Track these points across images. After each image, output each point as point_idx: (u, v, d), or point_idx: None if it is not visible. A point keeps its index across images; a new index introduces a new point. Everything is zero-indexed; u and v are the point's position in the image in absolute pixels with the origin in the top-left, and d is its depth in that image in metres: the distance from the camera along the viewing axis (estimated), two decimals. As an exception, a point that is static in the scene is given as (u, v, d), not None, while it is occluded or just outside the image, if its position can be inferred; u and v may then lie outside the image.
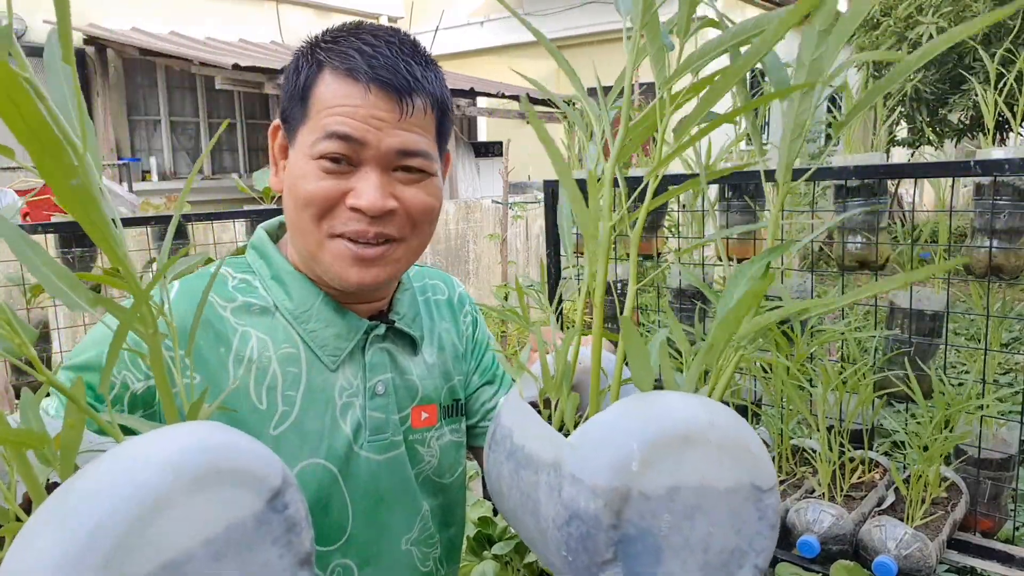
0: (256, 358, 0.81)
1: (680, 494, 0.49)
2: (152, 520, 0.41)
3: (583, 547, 0.49)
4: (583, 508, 0.49)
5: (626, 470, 0.48)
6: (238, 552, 0.45)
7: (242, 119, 8.59)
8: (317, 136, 0.77)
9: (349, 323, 0.86)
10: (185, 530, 0.42)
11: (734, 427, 0.51)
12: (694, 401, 0.52)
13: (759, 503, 0.52)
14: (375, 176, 0.78)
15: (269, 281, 0.85)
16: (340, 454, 0.84)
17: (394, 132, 0.78)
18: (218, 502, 0.44)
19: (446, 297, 1.02)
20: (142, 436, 0.44)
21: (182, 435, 0.45)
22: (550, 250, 1.82)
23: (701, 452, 0.49)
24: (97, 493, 0.40)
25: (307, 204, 0.78)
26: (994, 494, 1.36)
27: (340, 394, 0.85)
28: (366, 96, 0.77)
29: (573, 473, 0.50)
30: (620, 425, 0.50)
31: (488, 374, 1.04)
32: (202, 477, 0.43)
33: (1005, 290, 2.33)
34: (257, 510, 0.46)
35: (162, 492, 0.41)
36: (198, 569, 0.42)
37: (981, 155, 1.28)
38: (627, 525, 0.48)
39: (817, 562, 1.27)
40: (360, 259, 0.80)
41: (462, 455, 1.00)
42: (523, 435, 0.59)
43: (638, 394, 0.52)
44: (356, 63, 0.77)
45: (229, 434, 0.47)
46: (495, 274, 6.47)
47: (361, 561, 0.86)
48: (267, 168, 1.98)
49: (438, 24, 9.22)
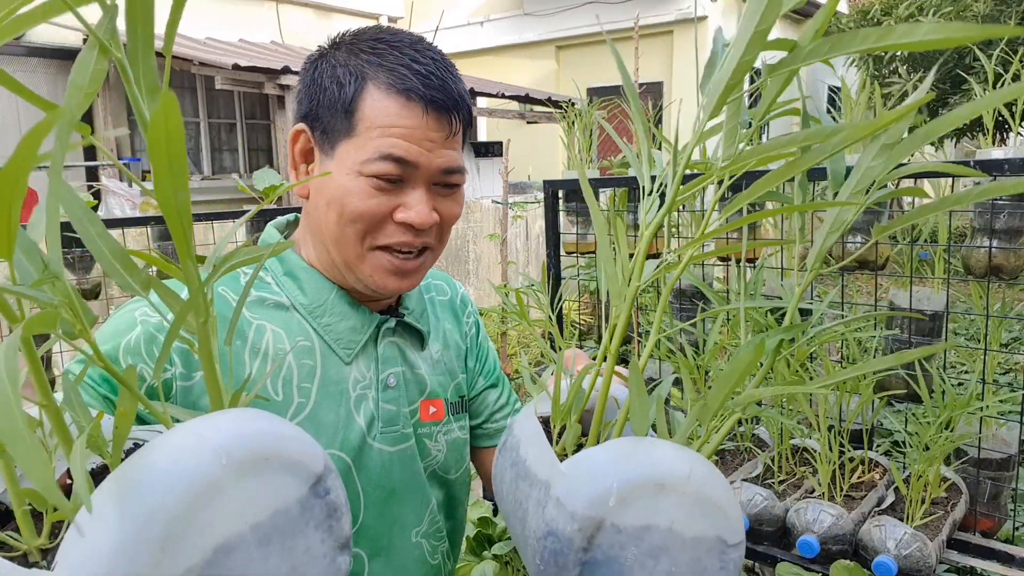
0: (271, 351, 0.82)
1: (649, 533, 0.54)
2: (204, 505, 0.42)
3: (554, 560, 0.55)
4: (560, 528, 0.54)
5: (603, 503, 0.53)
6: (283, 537, 0.46)
7: (242, 119, 8.59)
8: (370, 156, 0.78)
9: (363, 316, 0.88)
10: (235, 514, 0.43)
11: (712, 483, 0.56)
12: (680, 453, 0.56)
13: (723, 555, 0.57)
14: (422, 192, 0.81)
15: (282, 277, 0.87)
16: (354, 445, 0.85)
17: (441, 152, 0.81)
18: (265, 487, 0.45)
19: (448, 297, 1.04)
20: (191, 422, 0.45)
21: (229, 422, 0.46)
22: (550, 250, 1.82)
23: (675, 500, 0.54)
24: (152, 479, 0.41)
25: (355, 220, 0.80)
26: (994, 494, 1.36)
27: (354, 386, 0.87)
28: (423, 118, 0.78)
29: (559, 496, 0.55)
30: (607, 463, 0.55)
31: (492, 377, 1.07)
32: (250, 462, 0.44)
33: (1005, 290, 2.33)
34: (301, 495, 0.47)
35: (214, 477, 0.42)
36: (247, 553, 0.44)
37: (981, 155, 1.29)
38: (596, 550, 0.54)
39: (817, 562, 1.27)
40: (400, 271, 0.83)
41: (467, 452, 1.01)
42: (527, 450, 0.63)
43: (632, 437, 0.57)
44: (411, 83, 0.78)
45: (273, 421, 0.49)
46: (495, 274, 6.47)
47: (372, 552, 0.88)
48: (267, 168, 1.98)
49: (438, 24, 9.22)
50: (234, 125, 8.55)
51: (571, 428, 0.64)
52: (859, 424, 1.47)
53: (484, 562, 1.65)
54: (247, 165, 8.69)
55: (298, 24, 8.88)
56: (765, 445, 1.53)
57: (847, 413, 1.34)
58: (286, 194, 2.85)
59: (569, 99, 6.61)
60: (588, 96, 8.93)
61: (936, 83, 6.50)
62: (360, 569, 0.87)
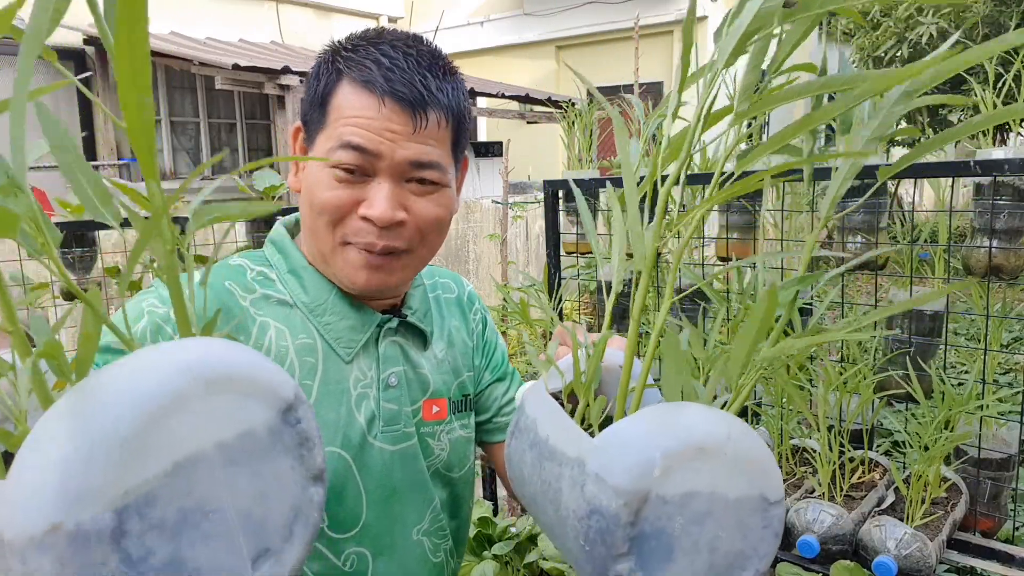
0: (274, 348, 0.83)
1: (694, 500, 0.53)
2: (167, 418, 0.41)
3: (601, 540, 0.53)
4: (604, 505, 0.52)
5: (648, 475, 0.52)
6: (251, 460, 0.46)
7: (242, 119, 8.59)
8: (333, 145, 0.79)
9: (363, 316, 0.88)
10: (198, 431, 0.43)
11: (749, 442, 0.55)
12: (714, 415, 0.55)
13: (766, 513, 0.56)
14: (387, 187, 0.80)
15: (286, 275, 0.88)
16: (355, 444, 0.86)
17: (407, 144, 0.79)
18: (232, 408, 0.45)
19: (455, 295, 1.04)
20: (160, 344, 0.45)
21: (199, 344, 0.46)
22: (550, 250, 1.82)
23: (716, 463, 0.53)
24: (112, 390, 0.41)
25: (321, 211, 0.81)
26: (994, 494, 1.36)
27: (355, 385, 0.87)
28: (380, 109, 0.78)
29: (597, 472, 0.53)
30: (645, 433, 0.54)
31: (499, 371, 1.06)
32: (217, 381, 0.44)
33: (1005, 290, 2.33)
34: (270, 421, 0.47)
35: (177, 390, 0.42)
36: (211, 472, 0.43)
37: (981, 155, 1.29)
38: (643, 524, 0.52)
39: (817, 562, 1.27)
40: (370, 266, 0.82)
41: (471, 450, 1.01)
42: (547, 427, 0.62)
43: (663, 404, 0.56)
44: (372, 75, 0.79)
45: (243, 349, 0.48)
46: (495, 274, 6.47)
47: (375, 550, 0.88)
48: (267, 168, 1.98)
49: (438, 24, 9.23)
50: (234, 125, 8.55)
51: (596, 403, 0.63)
52: (859, 424, 1.47)
53: (484, 562, 1.65)
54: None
55: (298, 24, 8.88)
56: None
57: (847, 413, 1.34)
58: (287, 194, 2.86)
59: (569, 99, 6.61)
60: (588, 96, 8.92)
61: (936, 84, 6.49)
62: (364, 567, 0.87)
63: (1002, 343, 1.50)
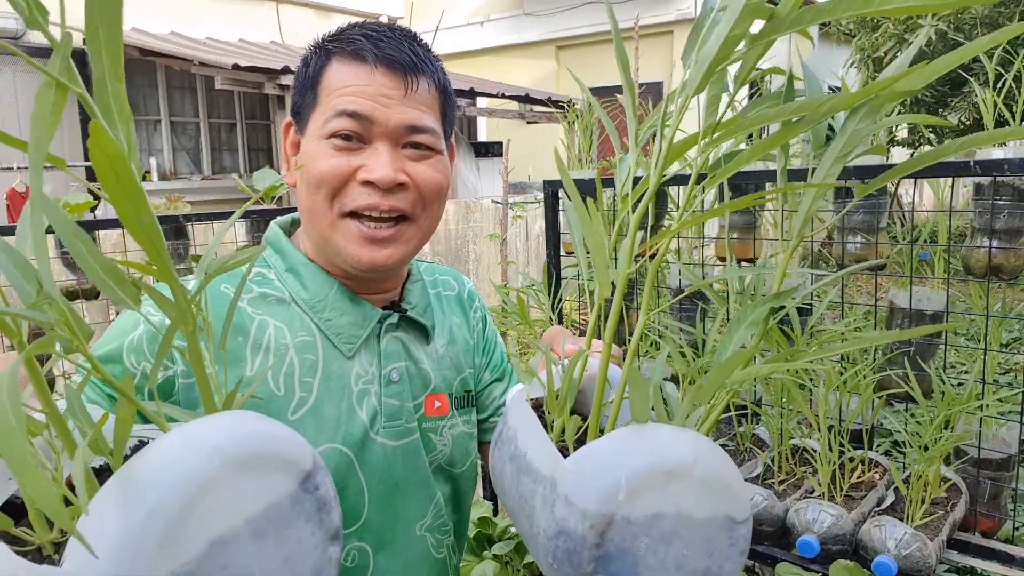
0: (273, 346, 0.83)
1: (660, 521, 0.54)
2: (200, 502, 0.44)
3: (568, 560, 0.55)
4: (572, 527, 0.54)
5: (613, 498, 0.53)
6: (276, 530, 0.49)
7: (242, 119, 8.59)
8: (327, 116, 0.81)
9: (363, 312, 0.88)
10: (229, 510, 0.46)
11: (717, 464, 0.56)
12: (683, 437, 0.56)
13: (732, 532, 0.57)
14: (386, 151, 0.81)
15: (284, 273, 0.88)
16: (356, 440, 0.86)
17: (401, 109, 0.81)
18: (257, 484, 0.48)
19: (456, 293, 1.04)
20: (187, 424, 0.48)
21: (223, 424, 0.49)
22: (550, 250, 1.82)
23: (683, 485, 0.55)
24: (150, 480, 0.44)
25: (320, 183, 0.81)
26: (994, 494, 1.36)
27: (356, 381, 0.87)
28: (373, 75, 0.80)
29: (567, 494, 0.55)
30: (612, 456, 0.55)
31: (498, 371, 1.07)
32: (244, 461, 0.47)
33: (1005, 290, 2.33)
34: (291, 491, 0.50)
35: (209, 476, 0.45)
36: (242, 546, 0.46)
37: (981, 155, 1.29)
38: (609, 545, 0.54)
39: (817, 562, 1.27)
40: (372, 239, 0.82)
41: (473, 446, 1.02)
42: (526, 443, 0.63)
43: (634, 426, 0.57)
44: (362, 45, 0.81)
45: (265, 422, 0.51)
46: (495, 274, 6.47)
47: (377, 545, 0.88)
48: (267, 168, 1.98)
49: (438, 24, 9.23)
50: (234, 125, 8.55)
51: (570, 423, 0.64)
52: (859, 424, 1.47)
53: (484, 562, 1.65)
54: (247, 165, 8.69)
55: (298, 24, 8.87)
56: (765, 445, 1.53)
57: (847, 413, 1.34)
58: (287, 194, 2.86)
59: (569, 99, 6.61)
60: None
61: (937, 84, 6.50)
62: (366, 563, 0.87)
63: (1002, 343, 1.50)
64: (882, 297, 1.53)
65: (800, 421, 1.52)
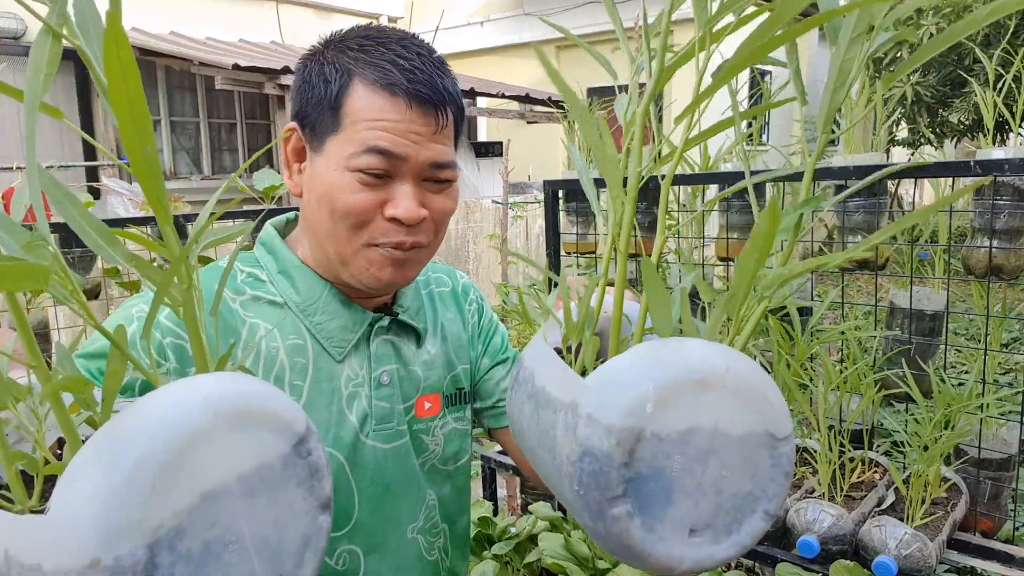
0: (264, 348, 0.83)
1: (694, 437, 0.50)
2: (192, 452, 0.43)
3: (594, 483, 0.50)
4: (596, 446, 0.50)
5: (640, 411, 0.49)
6: (267, 490, 0.48)
7: (242, 119, 8.59)
8: (356, 149, 0.79)
9: (354, 315, 0.88)
10: (222, 464, 0.45)
11: (752, 375, 0.52)
12: (712, 348, 0.52)
13: (773, 451, 0.53)
14: (410, 188, 0.81)
15: (276, 275, 0.87)
16: (347, 443, 0.86)
17: (428, 146, 0.81)
18: (251, 441, 0.47)
19: (449, 288, 1.04)
20: (181, 380, 0.47)
21: (219, 380, 0.48)
22: (550, 250, 1.82)
23: (716, 397, 0.50)
24: (141, 428, 0.43)
25: (345, 216, 0.80)
26: (994, 494, 1.36)
27: (346, 384, 0.87)
28: (407, 112, 0.79)
29: (589, 413, 0.51)
30: (636, 367, 0.51)
31: (499, 355, 1.06)
32: (238, 416, 0.46)
33: (1005, 290, 2.33)
34: (284, 453, 0.49)
35: (201, 426, 0.44)
36: (233, 503, 0.45)
37: (981, 155, 1.29)
38: (639, 464, 0.50)
39: (817, 562, 1.27)
40: (395, 262, 0.83)
41: (467, 443, 1.02)
42: (544, 377, 0.59)
43: (657, 340, 0.53)
44: (395, 78, 0.79)
45: (258, 382, 0.50)
46: (495, 274, 6.47)
47: (367, 548, 0.88)
48: (267, 168, 1.98)
49: (438, 24, 9.23)
50: (234, 125, 8.55)
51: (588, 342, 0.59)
52: (859, 424, 1.47)
53: (484, 562, 1.64)
54: (247, 165, 8.68)
55: (298, 24, 8.87)
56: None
57: (847, 413, 1.34)
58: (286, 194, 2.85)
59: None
60: (588, 96, 8.90)
61: (937, 85, 6.50)
62: (356, 565, 0.87)
63: (1002, 343, 1.50)
64: (882, 297, 1.53)
65: (800, 421, 1.52)
